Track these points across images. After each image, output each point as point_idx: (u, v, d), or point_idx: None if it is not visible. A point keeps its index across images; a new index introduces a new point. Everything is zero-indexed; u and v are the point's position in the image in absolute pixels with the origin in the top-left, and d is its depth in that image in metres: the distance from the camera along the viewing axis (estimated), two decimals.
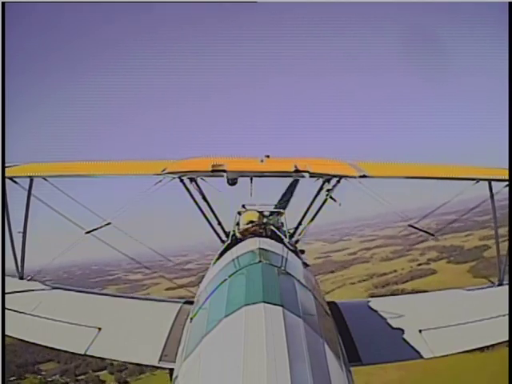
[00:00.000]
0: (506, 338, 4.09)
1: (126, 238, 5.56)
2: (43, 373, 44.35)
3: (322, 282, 6.09)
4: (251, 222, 5.21)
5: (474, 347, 4.18)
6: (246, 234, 5.01)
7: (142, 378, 41.46)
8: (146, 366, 3.97)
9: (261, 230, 5.15)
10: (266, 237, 4.79)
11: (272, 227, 5.69)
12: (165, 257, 6.82)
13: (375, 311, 4.58)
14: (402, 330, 4.24)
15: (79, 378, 44.48)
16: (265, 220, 5.57)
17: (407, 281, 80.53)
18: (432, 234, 6.07)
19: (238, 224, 5.58)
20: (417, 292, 78.50)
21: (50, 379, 43.77)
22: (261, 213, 5.59)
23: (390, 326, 4.30)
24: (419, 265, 76.42)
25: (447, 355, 4.12)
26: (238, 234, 5.27)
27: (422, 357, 4.03)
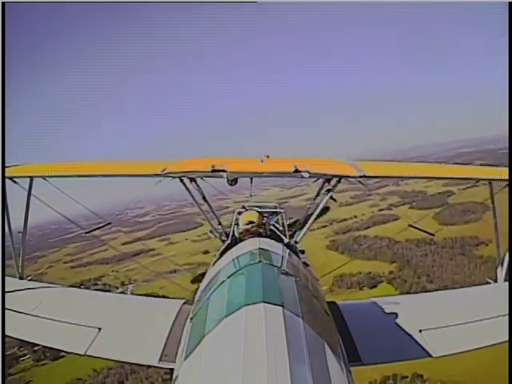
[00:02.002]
0: (506, 338, 4.09)
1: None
2: None
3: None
4: (251, 222, 5.21)
5: (474, 347, 4.17)
6: (246, 234, 5.01)
7: None
8: (147, 366, 3.97)
9: (261, 230, 5.15)
10: (266, 237, 4.79)
11: (272, 227, 5.69)
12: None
13: (375, 311, 4.58)
14: (402, 330, 4.24)
15: (36, 348, 44.46)
16: (264, 220, 5.57)
17: (369, 227, 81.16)
18: (432, 234, 6.08)
19: (237, 224, 5.58)
20: (381, 238, 72.01)
21: (8, 352, 43.62)
22: (260, 213, 5.59)
23: (390, 325, 4.30)
24: (380, 210, 74.91)
25: (447, 355, 4.12)
26: (237, 234, 5.27)
27: (422, 357, 4.03)
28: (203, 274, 4.46)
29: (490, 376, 31.64)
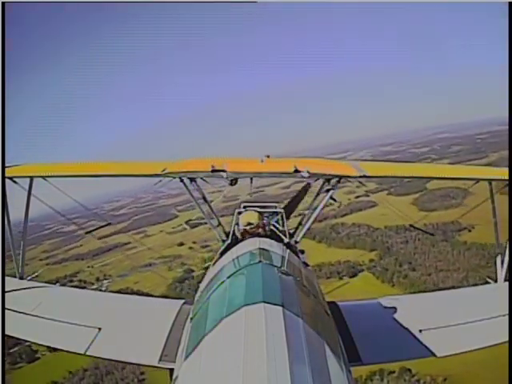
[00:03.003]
0: (506, 338, 4.08)
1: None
2: None
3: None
4: (251, 222, 5.20)
5: (474, 347, 4.17)
6: (246, 234, 5.01)
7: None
8: (147, 366, 3.96)
9: (261, 230, 5.14)
10: (266, 237, 4.79)
11: (272, 227, 5.68)
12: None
13: (375, 311, 4.58)
14: (402, 330, 4.23)
15: (11, 350, 44.23)
16: (265, 220, 5.56)
17: (346, 214, 79.07)
18: (432, 234, 6.09)
19: (237, 224, 5.57)
20: (359, 225, 70.68)
21: None
22: (261, 213, 5.58)
23: (390, 326, 4.30)
24: (357, 197, 72.86)
25: (448, 355, 4.11)
26: (237, 234, 5.26)
27: (422, 357, 4.03)
28: (207, 268, 4.47)
29: (482, 367, 31.16)
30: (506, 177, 4.90)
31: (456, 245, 59.20)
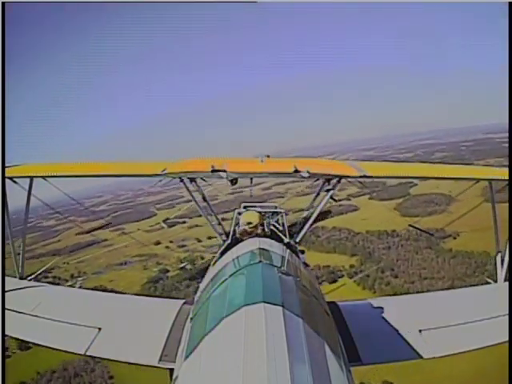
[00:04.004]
0: (506, 338, 4.08)
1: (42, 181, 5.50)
2: None
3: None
4: (252, 222, 5.21)
5: (474, 348, 4.17)
6: (247, 234, 5.01)
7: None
8: (147, 366, 3.96)
9: (261, 231, 5.15)
10: (266, 237, 4.79)
11: (272, 227, 5.68)
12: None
13: (375, 311, 4.58)
14: (402, 330, 4.23)
15: None
16: (265, 220, 5.57)
17: (312, 225, 77.81)
18: (432, 234, 6.09)
19: (238, 224, 5.58)
20: (340, 229, 68.76)
21: None
22: (261, 213, 5.59)
23: (390, 326, 4.29)
24: (339, 200, 68.47)
25: (447, 355, 4.11)
26: (238, 234, 5.27)
27: (422, 357, 4.02)
28: (207, 268, 4.46)
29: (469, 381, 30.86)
30: (506, 177, 4.90)
31: (441, 252, 56.62)
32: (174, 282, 57.27)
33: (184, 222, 76.25)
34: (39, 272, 6.11)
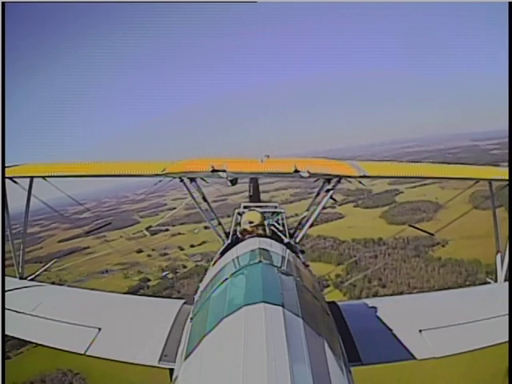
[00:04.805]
0: (506, 338, 4.08)
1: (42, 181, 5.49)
2: None
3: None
4: (254, 221, 5.23)
5: (474, 348, 4.16)
6: (248, 234, 5.03)
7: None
8: (147, 366, 3.96)
9: (262, 231, 5.16)
10: (267, 237, 4.79)
11: (273, 227, 5.70)
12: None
13: (375, 311, 4.58)
14: (402, 330, 4.23)
15: None
16: (266, 220, 5.58)
17: (312, 225, 76.64)
18: (432, 234, 6.08)
19: (239, 224, 5.59)
20: (325, 238, 67.79)
21: None
22: (262, 213, 5.60)
23: (390, 326, 4.29)
24: (323, 208, 67.84)
25: (447, 355, 4.11)
26: (239, 234, 5.28)
27: (422, 357, 4.02)
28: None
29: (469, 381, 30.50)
30: (506, 177, 4.89)
31: (430, 261, 54.86)
32: (155, 291, 56.72)
33: (167, 230, 76.28)
34: (39, 272, 6.11)
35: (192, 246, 70.01)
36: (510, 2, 5.42)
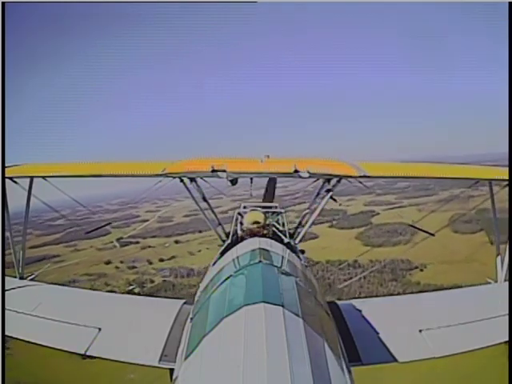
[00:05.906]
0: (506, 338, 4.08)
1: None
2: None
3: (189, 242, 5.97)
4: (258, 221, 5.24)
5: (474, 347, 4.16)
6: (249, 234, 5.03)
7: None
8: (147, 366, 3.96)
9: (263, 231, 5.16)
10: (267, 237, 4.79)
11: (273, 227, 5.70)
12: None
13: (375, 311, 4.58)
14: (402, 330, 4.23)
15: None
16: (267, 221, 5.58)
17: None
18: (432, 234, 6.07)
19: (240, 224, 5.59)
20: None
21: None
22: (264, 213, 5.61)
23: (390, 326, 4.29)
24: (297, 228, 66.37)
25: (447, 355, 4.11)
26: (240, 234, 5.28)
27: (422, 357, 4.02)
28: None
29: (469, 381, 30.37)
30: (506, 177, 4.89)
31: (408, 285, 52.00)
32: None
33: (137, 242, 74.13)
34: (39, 272, 6.11)
35: (161, 261, 68.04)
36: (510, 2, 5.42)
